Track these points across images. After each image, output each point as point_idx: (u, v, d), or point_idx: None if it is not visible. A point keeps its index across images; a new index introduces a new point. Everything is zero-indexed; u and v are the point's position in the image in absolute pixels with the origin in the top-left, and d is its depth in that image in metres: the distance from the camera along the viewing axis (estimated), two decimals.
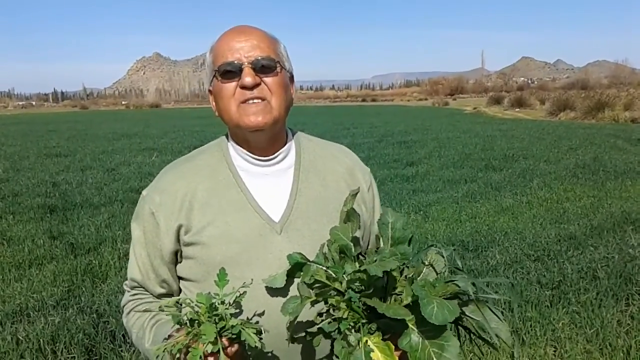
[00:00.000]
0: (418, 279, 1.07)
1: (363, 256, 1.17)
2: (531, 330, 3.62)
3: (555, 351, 3.43)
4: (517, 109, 37.49)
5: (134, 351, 3.46)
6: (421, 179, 10.00)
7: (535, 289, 4.32)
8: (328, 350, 1.14)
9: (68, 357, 3.44)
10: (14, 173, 11.76)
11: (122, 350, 3.49)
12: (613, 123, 22.31)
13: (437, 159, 12.56)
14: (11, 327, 3.90)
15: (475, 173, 10.48)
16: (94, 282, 4.91)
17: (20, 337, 3.66)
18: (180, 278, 1.33)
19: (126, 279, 1.39)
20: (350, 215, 1.18)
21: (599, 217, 6.63)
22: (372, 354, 0.98)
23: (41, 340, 3.59)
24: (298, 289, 1.11)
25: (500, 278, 4.27)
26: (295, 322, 1.10)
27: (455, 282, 1.00)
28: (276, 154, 1.32)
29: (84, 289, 4.72)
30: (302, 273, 1.10)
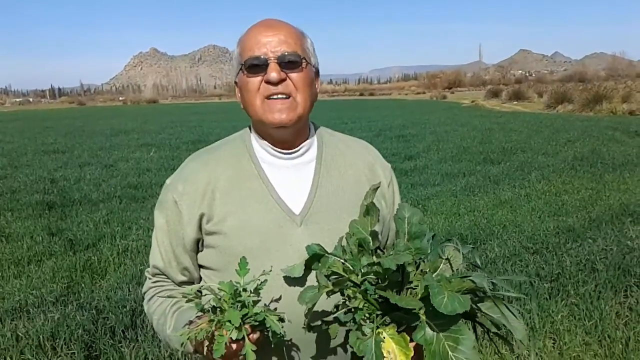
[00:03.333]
0: (434, 274, 1.07)
1: (382, 251, 1.17)
2: (530, 322, 3.63)
3: (554, 343, 3.44)
4: (515, 102, 37.49)
5: (133, 347, 3.46)
6: (419, 173, 10.01)
7: (534, 282, 4.33)
8: (343, 340, 1.16)
9: (68, 353, 3.44)
10: (12, 170, 11.74)
11: (122, 346, 3.49)
12: (611, 115, 22.32)
13: (436, 152, 12.56)
14: (11, 323, 3.90)
15: (474, 166, 10.48)
16: (93, 278, 4.91)
17: (20, 334, 3.66)
18: (201, 266, 1.35)
19: (148, 266, 1.41)
20: (369, 209, 1.18)
21: (597, 210, 6.63)
22: (385, 344, 0.98)
23: (41, 336, 3.59)
24: (317, 278, 1.12)
25: (520, 276, 4.27)
26: (312, 311, 1.10)
27: (471, 278, 1.00)
28: (298, 148, 1.33)
29: (83, 285, 4.72)
30: (319, 264, 1.11)
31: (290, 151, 1.32)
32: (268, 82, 1.22)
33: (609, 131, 15.26)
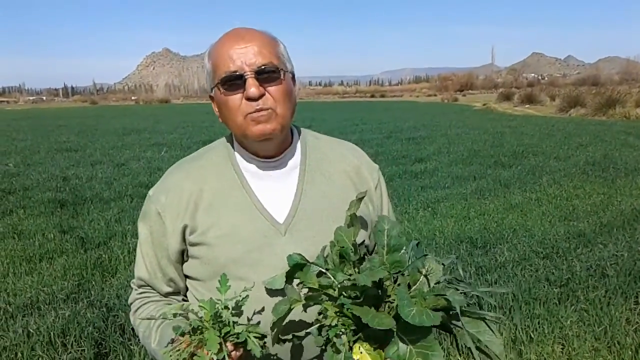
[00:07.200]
0: (413, 288, 1.06)
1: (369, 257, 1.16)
2: (539, 327, 3.62)
3: (563, 349, 3.42)
4: (527, 105, 37.26)
5: (142, 345, 3.48)
6: (430, 176, 9.98)
7: (544, 287, 4.31)
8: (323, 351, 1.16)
9: (78, 350, 3.48)
10: (25, 167, 11.85)
11: (131, 344, 3.52)
12: (624, 120, 22.10)
13: (446, 155, 12.51)
14: (22, 320, 3.95)
15: (484, 170, 10.43)
16: (103, 276, 4.95)
17: (31, 330, 3.71)
18: (186, 277, 1.34)
19: (134, 277, 1.41)
20: (353, 220, 1.17)
21: (608, 215, 6.58)
22: (358, 356, 0.98)
23: (52, 333, 3.63)
24: (286, 291, 1.10)
25: (503, 287, 4.22)
26: (285, 323, 1.09)
27: (445, 296, 1.00)
28: (281, 156, 1.31)
29: (93, 282, 4.76)
30: (301, 273, 1.10)
31: (273, 160, 1.30)
32: (248, 99, 1.18)
33: (621, 136, 15.13)
